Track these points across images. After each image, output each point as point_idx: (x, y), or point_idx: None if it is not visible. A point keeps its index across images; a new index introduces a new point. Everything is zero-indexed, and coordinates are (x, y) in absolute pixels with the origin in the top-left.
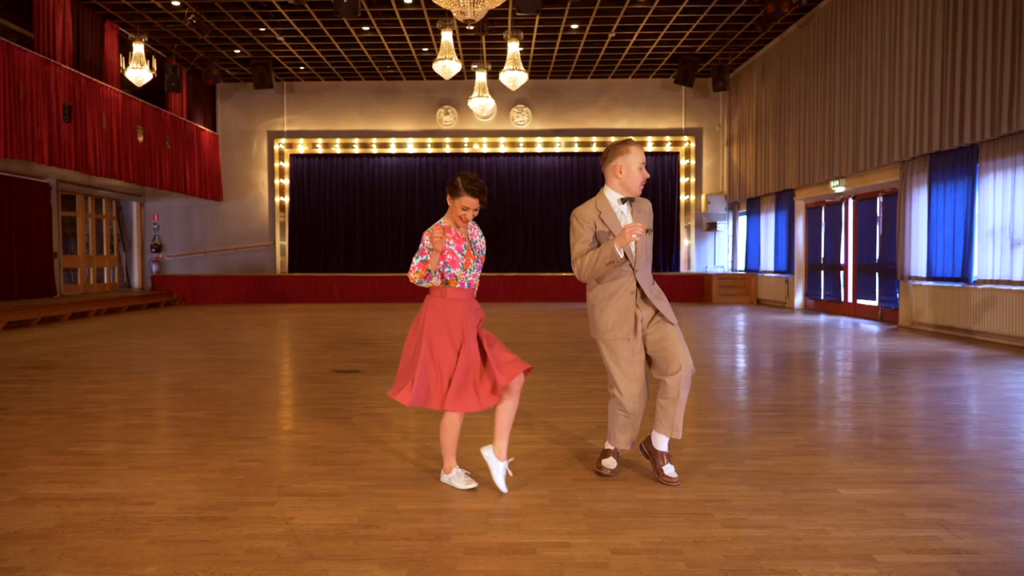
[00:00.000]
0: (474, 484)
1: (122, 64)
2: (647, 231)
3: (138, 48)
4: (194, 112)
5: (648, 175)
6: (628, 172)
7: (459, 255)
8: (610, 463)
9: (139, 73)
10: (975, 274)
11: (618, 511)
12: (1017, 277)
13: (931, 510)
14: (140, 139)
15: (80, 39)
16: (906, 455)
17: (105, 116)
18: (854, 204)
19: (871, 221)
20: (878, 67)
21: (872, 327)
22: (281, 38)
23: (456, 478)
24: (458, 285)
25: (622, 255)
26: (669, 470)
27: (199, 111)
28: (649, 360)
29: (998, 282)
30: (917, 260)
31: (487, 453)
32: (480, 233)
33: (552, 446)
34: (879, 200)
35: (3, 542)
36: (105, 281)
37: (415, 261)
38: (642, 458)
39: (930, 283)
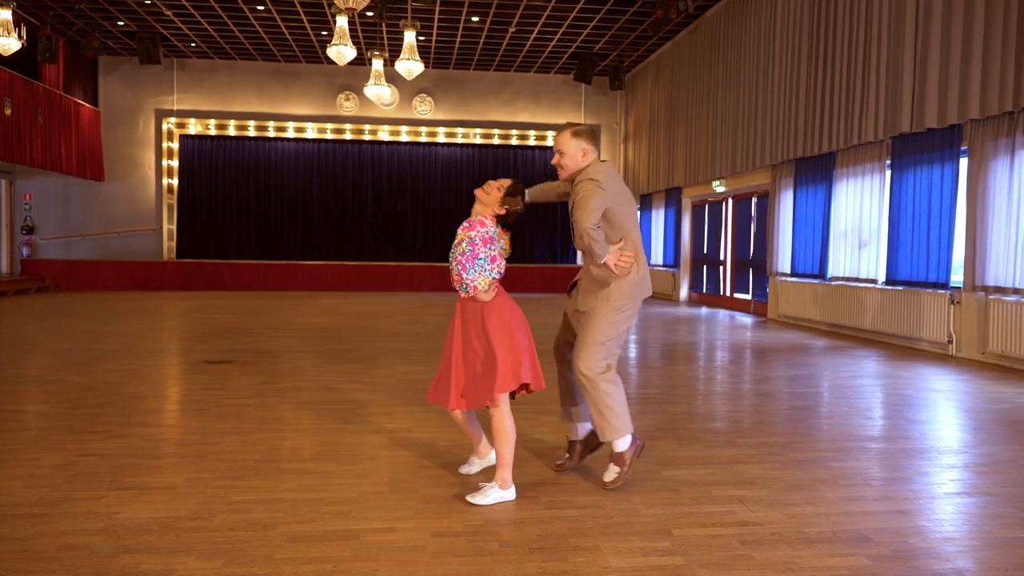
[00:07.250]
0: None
1: None
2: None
3: (4, 14)
4: (72, 86)
5: (556, 163)
6: None
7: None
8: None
9: (5, 41)
10: (830, 271)
11: (450, 497)
12: (863, 275)
13: (736, 488)
14: (8, 112)
15: None
16: (733, 438)
17: None
18: (732, 204)
19: (746, 220)
20: (754, 76)
21: (745, 319)
22: (168, 12)
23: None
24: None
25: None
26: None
27: (78, 85)
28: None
29: (848, 279)
30: (783, 257)
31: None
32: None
33: (404, 435)
34: (753, 200)
35: None
36: None
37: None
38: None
39: (794, 279)
